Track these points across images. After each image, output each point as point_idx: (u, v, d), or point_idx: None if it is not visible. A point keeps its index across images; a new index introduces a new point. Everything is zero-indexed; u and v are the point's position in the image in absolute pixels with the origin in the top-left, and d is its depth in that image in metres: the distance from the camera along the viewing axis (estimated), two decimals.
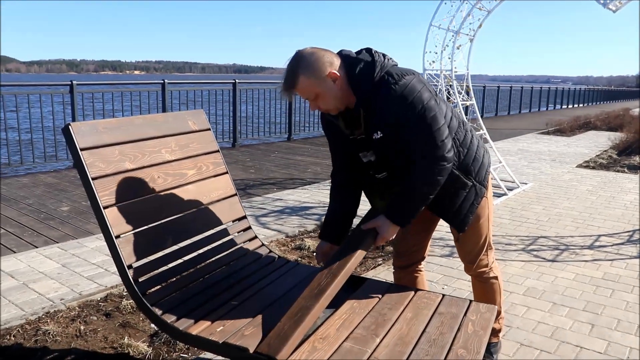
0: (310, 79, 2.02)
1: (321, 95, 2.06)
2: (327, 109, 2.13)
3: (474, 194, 2.31)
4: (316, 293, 1.96)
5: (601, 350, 2.89)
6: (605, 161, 9.62)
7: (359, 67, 2.07)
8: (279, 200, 6.16)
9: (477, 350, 1.86)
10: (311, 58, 2.03)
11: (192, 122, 2.59)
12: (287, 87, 2.06)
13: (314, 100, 2.09)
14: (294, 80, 2.03)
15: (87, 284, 3.58)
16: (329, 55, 2.07)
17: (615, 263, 4.25)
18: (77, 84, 7.98)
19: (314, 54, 2.04)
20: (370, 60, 2.09)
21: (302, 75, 2.02)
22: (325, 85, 2.04)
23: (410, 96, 2.01)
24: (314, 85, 2.04)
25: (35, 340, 2.83)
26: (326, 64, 2.04)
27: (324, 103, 2.09)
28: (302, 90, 2.06)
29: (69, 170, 7.79)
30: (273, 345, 1.78)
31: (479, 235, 2.43)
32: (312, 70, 2.02)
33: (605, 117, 19.25)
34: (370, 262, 4.13)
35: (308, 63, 2.02)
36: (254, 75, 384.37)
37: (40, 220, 5.07)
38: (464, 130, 2.30)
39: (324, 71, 2.03)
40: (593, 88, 43.48)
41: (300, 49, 2.09)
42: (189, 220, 2.38)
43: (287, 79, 2.05)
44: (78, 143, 2.02)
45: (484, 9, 6.62)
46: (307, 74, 2.02)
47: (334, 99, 2.08)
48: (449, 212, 2.31)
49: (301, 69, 2.02)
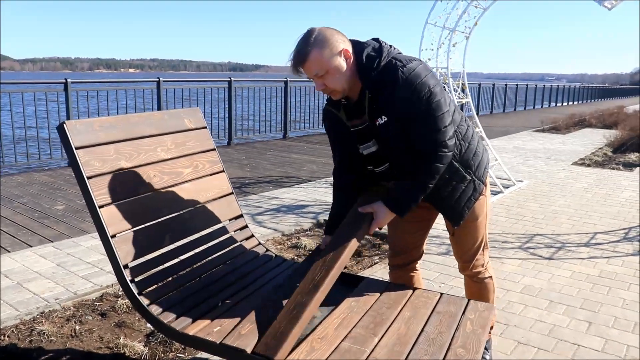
0: (323, 53, 1.99)
1: (331, 72, 2.02)
2: (333, 88, 2.07)
3: (472, 189, 2.29)
4: (311, 288, 1.94)
5: (599, 348, 2.89)
6: (600, 159, 9.64)
7: (366, 51, 2.07)
8: (275, 198, 6.15)
9: (476, 349, 1.85)
10: (326, 33, 2.01)
11: (188, 120, 2.57)
12: (298, 60, 2.00)
13: (322, 77, 2.03)
14: (307, 52, 1.98)
15: (82, 283, 3.56)
16: (343, 36, 2.06)
17: (612, 260, 4.25)
18: (71, 82, 7.93)
19: (328, 30, 2.03)
20: (377, 46, 2.10)
21: (316, 48, 1.98)
22: (338, 62, 2.02)
23: (416, 80, 2.01)
24: (327, 60, 2.00)
25: (29, 341, 2.81)
26: (340, 41, 2.03)
27: (332, 81, 2.04)
28: (313, 64, 2.00)
29: (63, 168, 7.74)
30: (270, 345, 1.77)
31: (476, 234, 2.42)
32: (326, 45, 1.99)
33: (600, 115, 19.28)
34: (367, 260, 4.12)
35: (323, 37, 1.99)
36: (249, 74, 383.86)
37: (35, 219, 5.04)
38: (465, 125, 2.29)
39: (337, 47, 2.01)
40: (588, 86, 43.63)
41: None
42: (185, 219, 2.37)
43: (300, 51, 1.99)
44: (73, 141, 2.00)
45: (480, 7, 6.61)
46: (322, 47, 1.98)
47: (343, 78, 2.05)
48: (447, 204, 2.29)
49: (316, 42, 1.98)
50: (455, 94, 6.83)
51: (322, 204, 5.83)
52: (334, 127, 2.28)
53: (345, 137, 2.25)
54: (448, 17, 6.62)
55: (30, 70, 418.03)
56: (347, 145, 2.27)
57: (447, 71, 6.72)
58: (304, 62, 2.00)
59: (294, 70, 2.04)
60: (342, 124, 2.21)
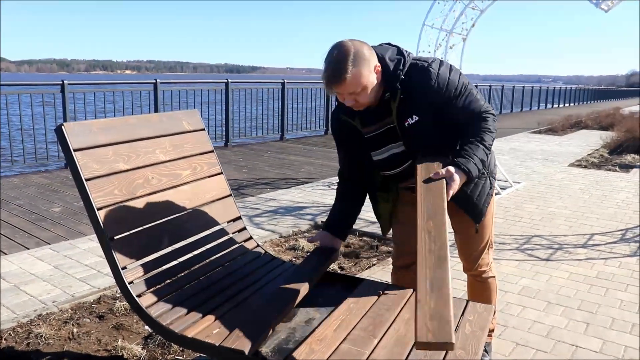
0: (363, 72, 1.97)
1: (366, 89, 2.02)
2: (364, 103, 2.07)
3: (489, 186, 2.34)
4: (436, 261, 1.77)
5: (597, 349, 2.89)
6: (597, 160, 9.66)
7: (388, 56, 2.09)
8: (273, 200, 6.14)
9: (475, 351, 1.85)
10: (362, 50, 1.99)
11: (186, 122, 2.57)
12: (336, 81, 1.97)
13: (357, 94, 2.02)
14: (346, 72, 1.94)
15: (79, 285, 3.54)
16: (371, 48, 2.05)
17: (609, 262, 4.26)
18: (68, 84, 7.91)
19: (363, 45, 2.01)
20: (396, 50, 2.13)
21: (355, 68, 1.95)
22: (373, 78, 2.02)
23: (447, 75, 2.10)
24: (365, 78, 1.99)
25: (27, 344, 2.80)
26: (373, 56, 2.02)
27: (364, 97, 2.04)
28: (352, 84, 1.97)
29: (60, 170, 7.73)
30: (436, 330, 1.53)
31: (484, 232, 2.42)
32: (365, 63, 1.98)
33: (596, 116, 19.35)
34: (365, 262, 4.12)
35: (360, 55, 1.97)
36: (246, 75, 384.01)
37: (32, 222, 5.02)
38: None
39: (373, 63, 2.01)
40: (584, 87, 43.73)
41: (340, 41, 2.02)
42: (184, 221, 2.36)
43: (338, 71, 1.95)
44: (71, 144, 1.99)
45: (477, 9, 6.63)
46: (361, 66, 1.97)
47: (374, 92, 2.06)
48: (471, 202, 2.30)
49: (356, 62, 1.96)
50: None
51: (320, 206, 5.83)
52: (346, 136, 2.30)
53: (356, 145, 2.27)
54: (445, 19, 6.63)
55: (26, 71, 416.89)
56: (358, 153, 2.30)
57: None
58: (342, 82, 1.97)
59: (329, 88, 2.02)
60: (356, 132, 2.23)
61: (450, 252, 1.88)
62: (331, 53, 1.99)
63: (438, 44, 6.72)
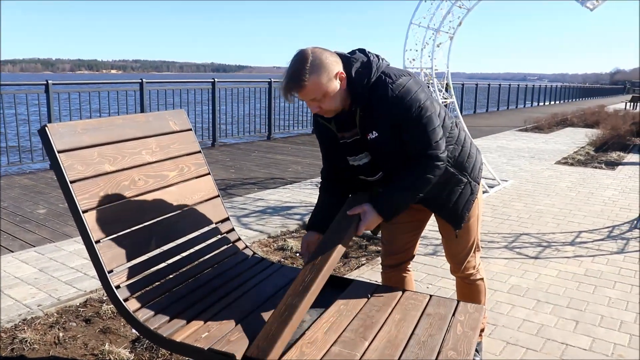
0: (321, 79, 1.95)
1: (328, 96, 1.99)
2: (329, 110, 2.05)
3: (470, 191, 2.31)
4: (301, 290, 1.92)
5: (586, 347, 2.90)
6: (583, 157, 9.73)
7: (355, 67, 2.04)
8: (260, 200, 6.11)
9: (467, 351, 1.84)
10: (321, 57, 1.96)
11: (173, 123, 2.53)
12: (294, 86, 1.95)
13: (319, 100, 2.00)
14: (303, 79, 1.93)
15: (65, 288, 3.49)
16: (334, 55, 2.02)
17: (597, 259, 4.28)
18: (52, 84, 7.82)
19: (323, 52, 1.98)
20: (366, 60, 2.07)
21: (313, 75, 1.93)
22: (334, 85, 1.99)
23: (407, 96, 2.01)
24: (324, 85, 1.96)
25: (11, 349, 2.75)
26: (334, 63, 1.99)
27: (328, 104, 2.02)
28: (311, 91, 1.96)
29: (45, 171, 7.63)
30: (262, 347, 1.74)
31: (468, 235, 2.41)
32: (323, 69, 1.95)
33: (581, 114, 19.51)
34: (354, 262, 4.10)
35: (319, 62, 1.95)
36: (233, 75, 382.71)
37: (16, 224, 4.94)
38: (457, 129, 2.30)
39: (333, 70, 1.98)
40: (569, 85, 44.12)
41: (302, 48, 2.00)
42: (171, 223, 2.32)
43: (295, 78, 1.94)
44: (55, 145, 1.95)
45: (464, 7, 6.63)
46: (319, 72, 1.94)
47: (339, 99, 2.03)
48: (446, 208, 2.30)
49: (313, 68, 1.93)
50: (440, 94, 6.85)
51: (308, 205, 5.80)
52: (324, 136, 2.27)
53: (334, 146, 2.24)
54: (432, 18, 6.63)
55: (10, 71, 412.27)
56: (336, 154, 2.27)
57: (431, 71, 6.73)
58: (301, 89, 1.95)
59: (287, 97, 2.00)
60: (333, 134, 2.20)
61: (435, 251, 1.87)
62: (290, 61, 1.97)
63: (425, 43, 6.72)
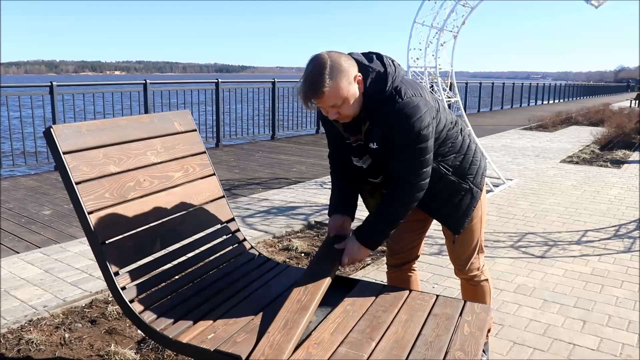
0: (341, 83, 1.90)
1: (347, 101, 1.95)
2: (347, 115, 2.01)
3: (471, 197, 2.30)
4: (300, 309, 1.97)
5: (594, 347, 2.88)
6: (588, 156, 9.70)
7: (370, 78, 2.00)
8: (265, 200, 6.10)
9: (474, 352, 1.83)
10: (339, 60, 1.92)
11: (177, 123, 2.53)
12: (314, 93, 1.90)
13: (339, 107, 1.96)
14: (324, 84, 1.88)
15: (71, 289, 3.49)
16: (350, 58, 1.98)
17: (603, 258, 4.26)
18: (57, 85, 7.83)
19: (340, 56, 1.94)
20: (382, 71, 2.02)
21: (333, 79, 1.88)
22: (354, 89, 1.96)
23: (410, 119, 1.97)
24: (344, 90, 1.92)
25: (17, 350, 2.75)
26: (351, 67, 1.95)
27: (347, 109, 1.98)
28: (332, 95, 1.90)
29: (50, 172, 7.64)
30: (268, 355, 1.74)
31: (471, 238, 2.40)
32: (343, 74, 1.90)
33: (586, 112, 19.44)
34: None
35: (338, 65, 1.90)
36: (236, 75, 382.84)
37: (22, 225, 4.95)
38: (461, 137, 2.29)
39: (351, 75, 1.94)
40: (573, 83, 43.99)
41: (316, 53, 1.95)
42: (176, 224, 2.32)
43: (315, 84, 1.88)
44: (61, 146, 1.94)
45: (468, 6, 6.62)
46: (339, 77, 1.89)
47: (357, 104, 2.00)
48: (445, 213, 2.31)
49: (333, 73, 1.89)
50: (444, 92, 6.83)
51: (313, 205, 5.79)
52: (331, 131, 2.28)
53: (340, 143, 2.24)
54: (436, 16, 6.62)
55: (14, 73, 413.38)
56: (342, 150, 2.28)
57: (435, 70, 6.71)
58: (322, 95, 1.90)
59: (308, 104, 1.95)
60: (339, 132, 2.20)
61: (440, 251, 1.87)
62: (307, 67, 1.93)
63: (429, 42, 6.70)
